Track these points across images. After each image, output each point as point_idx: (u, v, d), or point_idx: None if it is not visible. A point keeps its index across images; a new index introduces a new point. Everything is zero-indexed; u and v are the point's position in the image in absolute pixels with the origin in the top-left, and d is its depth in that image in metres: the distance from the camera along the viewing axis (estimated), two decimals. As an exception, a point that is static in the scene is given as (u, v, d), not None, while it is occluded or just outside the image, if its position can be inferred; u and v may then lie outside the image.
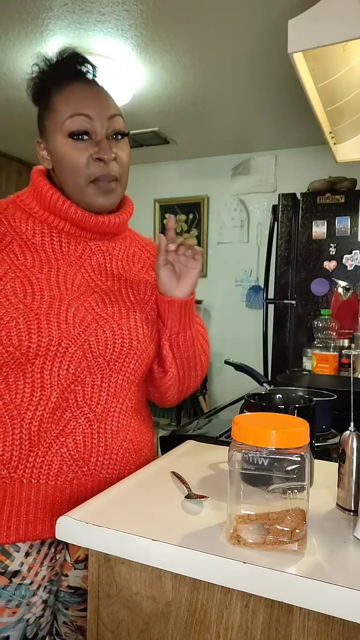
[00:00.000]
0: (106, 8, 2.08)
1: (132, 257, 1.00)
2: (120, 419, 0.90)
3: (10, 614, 0.82)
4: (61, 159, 0.87)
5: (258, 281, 3.87)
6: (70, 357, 0.83)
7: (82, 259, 0.92)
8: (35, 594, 0.85)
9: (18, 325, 0.79)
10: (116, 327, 0.88)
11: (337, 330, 1.92)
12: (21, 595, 0.83)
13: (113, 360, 0.87)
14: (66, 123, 0.85)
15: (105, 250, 0.95)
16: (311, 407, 0.86)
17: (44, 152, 0.92)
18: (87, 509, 0.71)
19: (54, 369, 0.82)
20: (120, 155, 0.89)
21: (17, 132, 3.48)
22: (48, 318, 0.81)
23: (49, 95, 0.88)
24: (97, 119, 0.86)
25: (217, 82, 2.74)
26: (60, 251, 0.90)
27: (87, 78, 0.90)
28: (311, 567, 0.57)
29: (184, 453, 1.00)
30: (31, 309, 0.81)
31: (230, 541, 0.62)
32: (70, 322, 0.83)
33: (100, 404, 0.87)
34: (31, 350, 0.80)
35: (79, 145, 0.86)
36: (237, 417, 0.65)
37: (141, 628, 0.67)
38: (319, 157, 3.50)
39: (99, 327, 0.86)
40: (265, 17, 2.10)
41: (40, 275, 0.85)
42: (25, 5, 2.07)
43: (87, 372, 0.85)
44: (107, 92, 0.90)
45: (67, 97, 0.86)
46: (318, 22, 1.31)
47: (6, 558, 0.82)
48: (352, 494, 0.71)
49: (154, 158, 4.05)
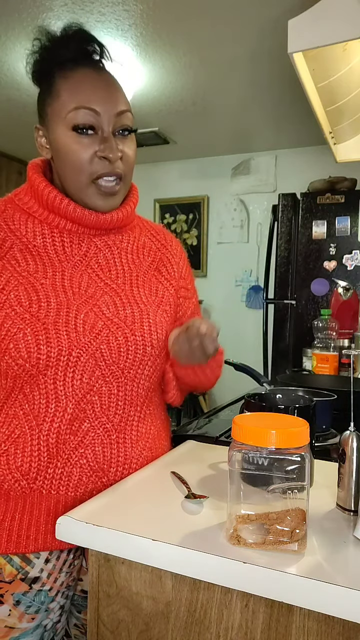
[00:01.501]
0: (106, 8, 2.08)
1: (142, 250, 0.94)
2: (139, 428, 0.87)
3: (29, 620, 0.81)
4: (62, 153, 0.81)
5: (258, 281, 3.87)
6: (83, 366, 0.79)
7: (87, 257, 0.86)
8: (54, 600, 0.84)
9: (26, 337, 0.76)
10: (129, 332, 0.83)
11: (337, 330, 1.92)
12: (40, 602, 0.82)
13: (127, 368, 0.83)
14: (70, 114, 0.78)
15: (112, 245, 0.89)
16: (311, 407, 0.86)
17: (42, 140, 0.85)
18: (87, 509, 0.71)
19: (67, 380, 0.79)
20: (127, 152, 0.83)
21: (17, 132, 3.48)
22: (56, 327, 0.78)
23: (52, 78, 0.81)
24: (104, 114, 0.79)
25: (217, 82, 2.73)
26: (64, 252, 0.85)
27: (95, 62, 0.83)
28: (311, 567, 0.57)
29: (184, 453, 1.00)
30: (38, 318, 0.77)
31: (230, 541, 0.62)
32: (80, 329, 0.79)
33: (118, 413, 0.84)
34: (41, 362, 0.77)
35: (83, 140, 0.79)
36: (237, 417, 0.65)
37: (141, 628, 0.67)
38: (319, 157, 3.50)
39: (110, 334, 0.81)
40: (265, 17, 2.10)
41: (44, 280, 0.81)
42: (25, 5, 2.07)
43: (103, 382, 0.82)
44: (116, 83, 0.83)
45: (72, 85, 0.79)
46: (318, 22, 1.31)
47: (27, 564, 0.81)
48: (352, 494, 0.71)
49: (154, 158, 4.06)
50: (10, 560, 0.80)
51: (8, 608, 0.80)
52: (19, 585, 0.80)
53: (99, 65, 0.83)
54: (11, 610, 0.80)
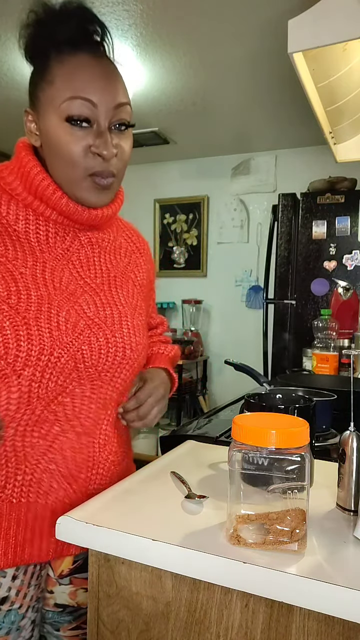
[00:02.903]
0: (106, 8, 2.08)
1: (119, 250, 0.92)
2: (107, 432, 0.85)
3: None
4: (53, 144, 0.75)
5: (258, 281, 3.87)
6: (62, 367, 0.74)
7: (69, 252, 0.81)
8: (25, 616, 0.80)
9: (4, 331, 0.69)
10: (109, 334, 0.80)
11: (337, 330, 1.92)
12: (10, 622, 0.78)
13: (105, 371, 0.80)
14: (64, 104, 0.72)
15: (94, 242, 0.86)
16: (311, 407, 0.86)
17: (32, 126, 0.78)
18: (87, 509, 0.71)
19: (44, 381, 0.73)
20: (123, 147, 0.78)
21: (17, 132, 3.48)
22: (38, 323, 0.72)
23: (47, 61, 0.74)
24: (101, 106, 0.73)
25: (217, 82, 2.74)
26: (47, 242, 0.79)
27: (95, 46, 0.76)
28: (311, 567, 0.57)
29: (184, 453, 1.00)
30: (17, 311, 0.71)
31: (230, 541, 0.62)
32: (62, 328, 0.74)
33: (90, 416, 0.81)
34: (19, 360, 0.70)
35: (77, 132, 0.73)
36: (237, 417, 0.65)
37: (141, 628, 0.67)
38: (319, 157, 3.50)
39: (92, 334, 0.77)
40: (265, 17, 2.10)
41: (24, 269, 0.75)
42: (25, 5, 2.07)
43: (77, 383, 0.77)
44: (116, 71, 0.77)
45: (69, 71, 0.72)
46: (318, 22, 1.31)
47: None
48: (352, 494, 0.71)
49: (154, 158, 4.05)
50: None
51: None
52: None
53: (99, 50, 0.76)
54: None
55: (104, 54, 0.77)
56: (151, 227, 4.22)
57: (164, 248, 4.21)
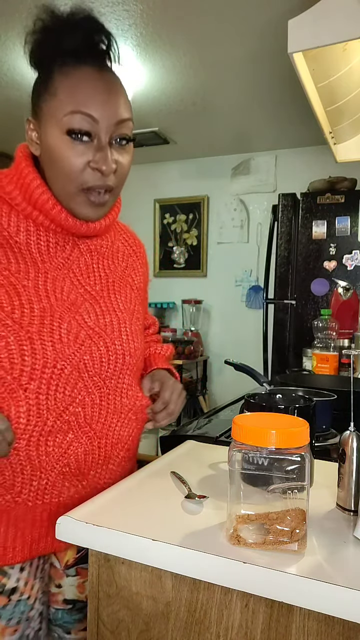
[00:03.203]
0: (106, 8, 2.08)
1: (117, 254, 0.93)
2: (120, 433, 0.86)
3: (11, 633, 0.80)
4: (53, 156, 0.75)
5: (258, 281, 3.87)
6: (66, 378, 0.76)
7: (70, 260, 0.83)
8: (33, 607, 0.84)
9: (9, 346, 0.71)
10: (109, 342, 0.82)
11: (337, 330, 1.92)
12: (20, 612, 0.81)
13: (108, 378, 0.82)
14: (66, 118, 0.72)
15: (93, 250, 0.88)
16: (311, 407, 0.86)
17: (33, 134, 0.79)
18: (87, 509, 0.71)
19: (50, 393, 0.75)
20: (121, 163, 0.78)
21: (17, 132, 3.48)
22: (41, 337, 0.73)
23: (50, 72, 0.74)
24: (102, 121, 0.73)
25: (217, 82, 2.74)
26: (47, 252, 0.80)
27: (100, 58, 0.76)
28: (311, 567, 0.57)
29: (184, 453, 1.00)
30: (21, 325, 0.72)
31: (230, 541, 0.62)
32: (65, 340, 0.76)
33: (101, 421, 0.82)
34: (24, 374, 0.72)
35: (77, 146, 0.74)
36: (237, 417, 0.65)
37: (141, 628, 0.67)
38: (319, 157, 3.50)
39: (93, 344, 0.79)
40: (265, 17, 2.10)
41: (26, 282, 0.76)
42: (25, 5, 2.07)
43: (85, 392, 0.79)
44: (120, 86, 0.77)
45: (72, 84, 0.72)
46: (318, 22, 1.31)
47: (3, 577, 0.80)
48: (352, 494, 0.71)
49: (154, 158, 4.05)
50: None
51: None
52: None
53: (103, 62, 0.76)
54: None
55: (108, 67, 0.77)
56: (151, 227, 4.22)
57: (164, 248, 4.21)
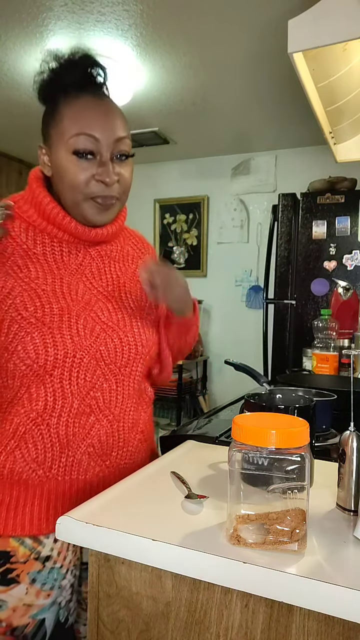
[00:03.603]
0: (106, 8, 2.08)
1: (127, 257, 1.03)
2: (134, 416, 0.96)
3: (45, 597, 0.87)
4: (62, 173, 0.87)
5: (258, 281, 3.87)
6: (86, 366, 0.87)
7: (82, 266, 0.94)
8: (65, 577, 0.90)
9: (34, 340, 0.83)
10: (122, 334, 0.92)
11: (337, 330, 1.92)
12: (54, 579, 0.88)
13: (123, 366, 0.92)
14: (72, 139, 0.84)
15: (104, 255, 0.98)
16: (311, 407, 0.86)
17: (45, 158, 0.91)
18: (87, 509, 0.71)
19: (73, 379, 0.87)
20: (123, 175, 0.89)
21: (17, 132, 3.48)
22: (61, 331, 0.85)
23: (56, 103, 0.87)
24: (103, 140, 0.85)
25: (217, 82, 2.74)
26: (62, 260, 0.92)
27: (98, 88, 0.89)
28: (311, 567, 0.57)
29: (184, 453, 1.00)
30: (43, 322, 0.84)
31: (230, 541, 0.62)
32: (82, 333, 0.87)
33: (118, 405, 0.93)
34: (48, 363, 0.84)
35: (82, 164, 0.85)
36: (237, 417, 0.65)
37: (141, 628, 0.67)
38: (319, 157, 3.50)
39: (107, 337, 0.90)
40: (265, 17, 2.10)
41: (45, 286, 0.88)
42: (25, 5, 2.07)
43: (103, 379, 0.90)
44: (116, 109, 0.89)
45: (75, 112, 0.85)
46: (318, 22, 1.31)
47: (38, 545, 0.88)
48: (352, 494, 0.71)
49: (154, 158, 4.06)
50: (22, 542, 0.87)
51: (25, 587, 0.86)
52: (33, 564, 0.87)
53: (101, 91, 0.89)
54: (28, 589, 0.86)
55: (105, 95, 0.90)
56: (151, 227, 4.22)
57: (164, 248, 4.21)
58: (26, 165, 4.13)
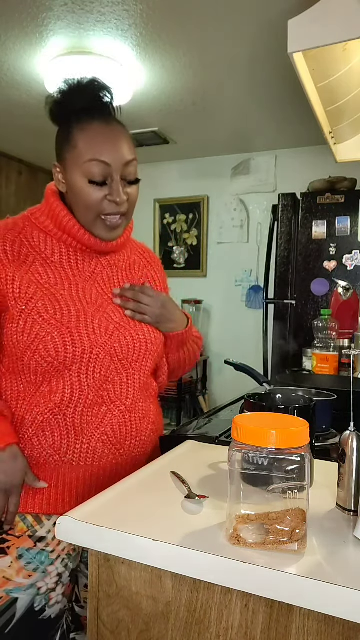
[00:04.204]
0: (106, 8, 2.08)
1: (133, 266, 1.13)
2: (144, 407, 1.04)
3: (25, 576, 0.90)
4: (77, 194, 0.96)
5: (258, 281, 3.87)
6: (101, 362, 0.96)
7: (95, 274, 1.04)
8: (53, 563, 0.93)
9: (54, 340, 0.91)
10: (134, 332, 1.01)
11: (337, 330, 1.92)
12: (40, 561, 0.91)
13: (134, 361, 1.01)
14: (85, 165, 0.93)
15: (113, 264, 1.08)
16: (311, 407, 0.86)
17: (60, 176, 0.99)
18: (87, 509, 0.71)
19: (89, 373, 0.95)
20: (131, 194, 0.98)
21: (17, 132, 3.48)
22: (79, 331, 0.94)
23: (69, 128, 0.95)
24: (114, 164, 0.93)
25: (217, 82, 2.73)
26: (77, 268, 1.02)
27: (107, 114, 0.97)
28: (311, 567, 0.57)
29: (184, 453, 1.00)
30: (62, 323, 0.93)
31: (230, 541, 0.62)
32: (98, 332, 0.96)
33: (129, 397, 1.00)
34: (68, 359, 0.92)
35: (95, 187, 0.94)
36: (237, 417, 0.65)
37: (141, 628, 0.67)
38: (319, 157, 3.50)
39: (120, 334, 0.99)
40: (265, 17, 2.10)
41: (63, 291, 0.97)
42: (25, 5, 2.07)
43: (115, 373, 0.98)
44: (124, 134, 0.97)
45: (88, 138, 0.93)
46: (318, 22, 1.31)
47: (37, 524, 0.94)
48: (352, 494, 0.71)
49: (154, 158, 4.05)
50: (24, 519, 0.94)
51: (10, 560, 0.90)
52: (25, 540, 0.92)
53: (110, 116, 0.98)
54: (12, 563, 0.90)
55: (114, 119, 0.98)
56: (151, 227, 4.22)
57: (164, 248, 4.21)
58: (26, 165, 4.13)
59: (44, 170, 4.25)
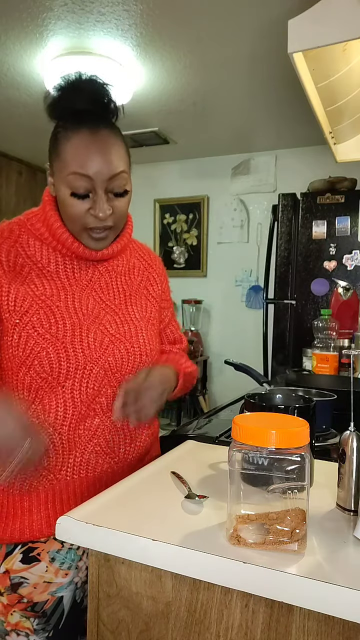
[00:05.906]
0: (106, 8, 2.08)
1: (132, 270, 1.09)
2: None
3: (63, 575, 0.92)
4: (62, 203, 0.93)
5: (258, 281, 3.87)
6: (95, 376, 0.94)
7: (92, 282, 1.01)
8: (81, 558, 0.94)
9: (49, 355, 0.90)
10: (129, 345, 0.99)
11: (337, 330, 1.92)
12: (71, 559, 0.93)
13: (127, 373, 0.98)
14: (69, 177, 0.89)
15: (111, 270, 1.04)
16: (311, 407, 0.86)
17: (51, 180, 0.96)
18: (87, 509, 0.71)
19: (82, 388, 0.93)
20: (117, 207, 0.93)
21: (17, 132, 3.48)
22: (73, 346, 0.91)
23: (56, 134, 0.92)
24: (97, 178, 0.89)
25: (217, 82, 2.74)
26: (74, 277, 0.98)
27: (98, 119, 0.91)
28: (311, 567, 0.57)
29: (184, 453, 1.00)
30: (57, 338, 0.91)
31: (230, 541, 0.62)
32: (92, 346, 0.93)
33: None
34: (61, 375, 0.91)
35: (78, 201, 0.90)
36: (237, 417, 0.65)
37: (141, 628, 0.67)
38: (319, 157, 3.50)
39: (115, 348, 0.96)
40: (265, 17, 2.10)
41: (59, 303, 0.94)
42: (25, 5, 2.07)
43: (108, 386, 0.96)
44: (114, 142, 0.91)
45: (72, 148, 0.89)
46: (318, 22, 1.31)
47: None
48: (352, 494, 0.71)
49: (154, 158, 4.06)
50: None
51: (45, 565, 0.91)
52: (53, 543, 0.92)
53: (103, 119, 0.92)
54: (47, 567, 0.91)
55: (105, 125, 0.91)
56: (151, 227, 4.22)
57: (164, 248, 4.21)
58: (26, 165, 4.13)
59: (44, 171, 4.22)
